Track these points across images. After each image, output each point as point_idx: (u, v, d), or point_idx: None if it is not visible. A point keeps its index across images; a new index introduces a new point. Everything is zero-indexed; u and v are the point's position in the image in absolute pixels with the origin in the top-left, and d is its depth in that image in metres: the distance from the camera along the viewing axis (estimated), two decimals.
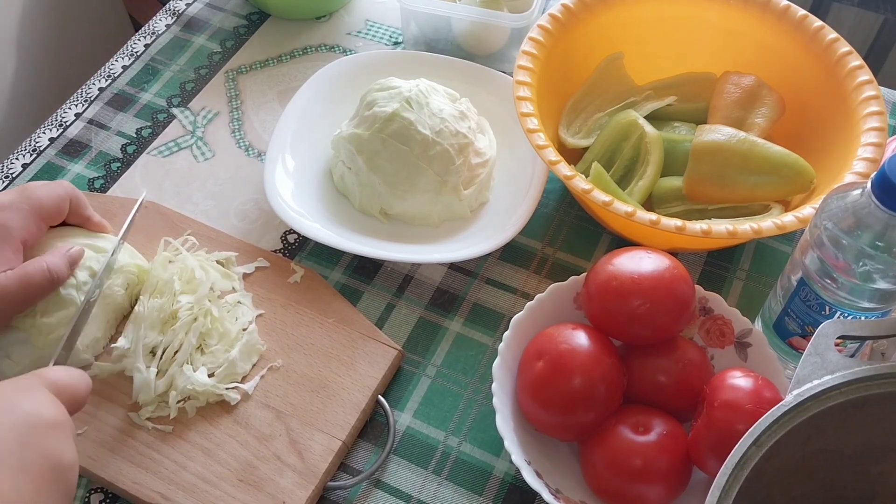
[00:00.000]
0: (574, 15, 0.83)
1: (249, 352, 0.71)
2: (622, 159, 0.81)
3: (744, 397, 0.59)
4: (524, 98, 0.76)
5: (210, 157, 0.89)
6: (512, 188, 0.83)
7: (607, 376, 0.63)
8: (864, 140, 0.73)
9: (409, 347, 0.75)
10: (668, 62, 0.88)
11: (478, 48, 0.95)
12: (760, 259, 0.81)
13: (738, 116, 0.82)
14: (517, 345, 0.68)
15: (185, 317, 0.70)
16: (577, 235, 0.83)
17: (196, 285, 0.73)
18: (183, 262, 0.74)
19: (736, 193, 0.78)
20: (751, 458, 0.50)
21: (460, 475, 0.68)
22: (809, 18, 0.81)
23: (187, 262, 0.74)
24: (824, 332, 0.54)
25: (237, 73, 0.97)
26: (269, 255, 0.79)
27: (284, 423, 0.68)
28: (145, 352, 0.69)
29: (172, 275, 0.72)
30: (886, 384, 0.52)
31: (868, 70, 0.77)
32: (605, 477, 0.62)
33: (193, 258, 0.75)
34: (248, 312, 0.74)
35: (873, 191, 0.55)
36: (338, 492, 0.67)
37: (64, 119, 0.92)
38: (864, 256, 0.58)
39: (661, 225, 0.68)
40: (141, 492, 0.65)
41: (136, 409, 0.69)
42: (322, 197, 0.83)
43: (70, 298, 0.67)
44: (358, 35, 1.01)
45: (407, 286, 0.79)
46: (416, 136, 0.77)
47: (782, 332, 0.69)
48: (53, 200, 0.68)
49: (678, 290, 0.65)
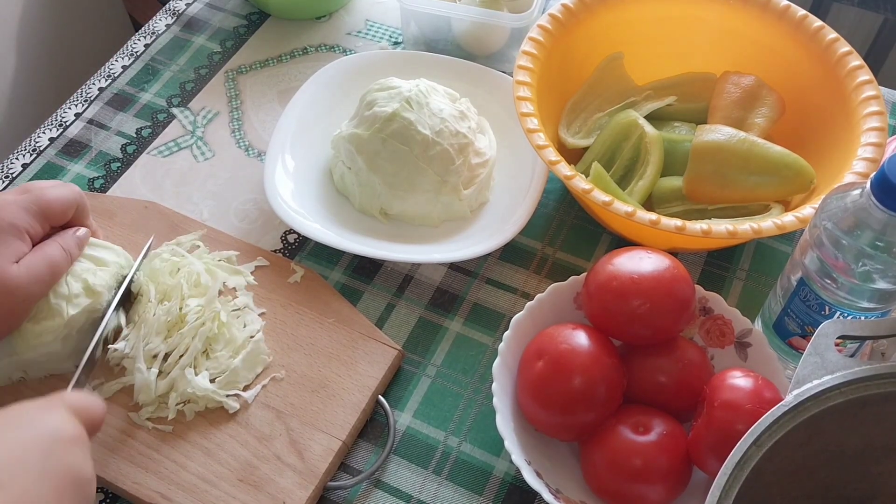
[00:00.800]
0: (574, 15, 0.83)
1: (254, 361, 0.71)
2: (622, 159, 0.81)
3: (744, 397, 0.59)
4: (524, 98, 0.76)
5: (210, 156, 0.89)
6: (512, 188, 0.83)
7: (607, 376, 0.63)
8: (863, 140, 0.73)
9: (409, 347, 0.75)
10: (668, 62, 0.88)
11: (478, 48, 0.95)
12: (760, 259, 0.81)
13: (738, 116, 0.82)
14: (517, 345, 0.68)
15: (192, 320, 0.70)
16: (577, 235, 0.83)
17: (205, 288, 0.72)
18: (189, 265, 0.74)
19: (736, 193, 0.78)
20: (751, 458, 0.50)
21: (460, 475, 0.68)
22: (809, 18, 0.81)
23: (193, 264, 0.74)
24: (824, 332, 0.54)
25: (237, 73, 0.97)
26: (269, 255, 0.79)
27: (284, 422, 0.68)
28: (147, 355, 0.69)
29: (180, 279, 0.72)
30: (886, 384, 0.52)
31: (868, 70, 0.77)
32: (605, 477, 0.62)
33: (199, 261, 0.75)
34: (257, 321, 0.74)
35: (873, 191, 0.55)
36: (338, 492, 0.67)
37: (64, 119, 0.92)
38: (863, 256, 0.58)
39: (661, 225, 0.68)
40: (141, 491, 0.65)
41: (137, 409, 0.69)
42: (322, 197, 0.83)
43: (58, 308, 0.66)
44: (358, 35, 1.01)
45: (407, 286, 0.79)
46: (416, 136, 0.77)
47: (782, 332, 0.69)
48: (62, 204, 0.68)
49: (678, 290, 0.65)
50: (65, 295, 0.67)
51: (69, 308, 0.67)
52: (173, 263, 0.74)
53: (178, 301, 0.71)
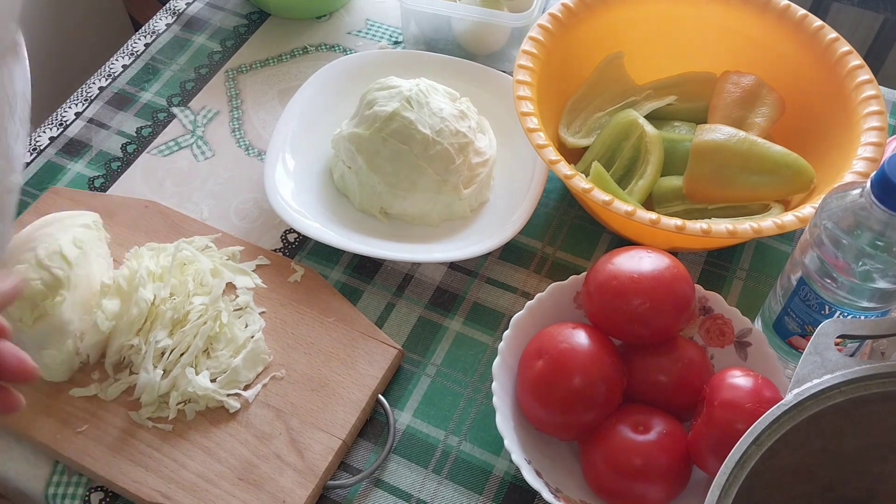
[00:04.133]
0: (574, 14, 0.83)
1: (255, 360, 0.71)
2: (622, 159, 0.81)
3: (744, 396, 0.59)
4: (524, 97, 0.76)
5: (210, 156, 0.89)
6: (512, 188, 0.83)
7: (607, 375, 0.63)
8: (864, 139, 0.73)
9: (409, 347, 0.75)
10: (668, 62, 0.88)
11: (478, 48, 0.95)
12: (760, 258, 0.81)
13: (738, 116, 0.82)
14: (517, 344, 0.68)
15: (195, 318, 0.70)
16: (577, 235, 0.83)
17: (210, 288, 0.73)
18: (197, 263, 0.74)
19: (736, 193, 0.78)
20: (751, 458, 0.50)
21: (460, 474, 0.68)
22: (809, 18, 0.81)
23: (201, 263, 0.74)
24: (824, 332, 0.54)
25: (237, 72, 0.97)
26: (270, 255, 0.79)
27: (284, 421, 0.68)
28: (157, 353, 0.69)
29: (187, 276, 0.72)
30: (886, 383, 0.52)
31: (868, 69, 0.77)
32: (605, 476, 0.62)
33: (208, 259, 0.75)
34: (258, 320, 0.74)
35: (873, 190, 0.55)
36: (338, 491, 0.67)
37: (64, 118, 0.92)
38: (863, 256, 0.58)
39: (661, 224, 0.68)
40: (141, 490, 0.65)
41: (137, 407, 0.69)
42: (322, 196, 0.83)
43: None
44: (358, 34, 1.01)
45: (407, 285, 0.79)
46: (417, 136, 0.77)
47: (782, 331, 0.69)
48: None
49: (678, 290, 0.65)
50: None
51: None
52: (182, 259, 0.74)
53: (184, 298, 0.71)
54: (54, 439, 0.67)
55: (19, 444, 0.69)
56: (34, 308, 0.66)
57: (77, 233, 0.71)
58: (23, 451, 0.69)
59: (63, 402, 0.69)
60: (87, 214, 0.74)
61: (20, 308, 0.66)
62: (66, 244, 0.69)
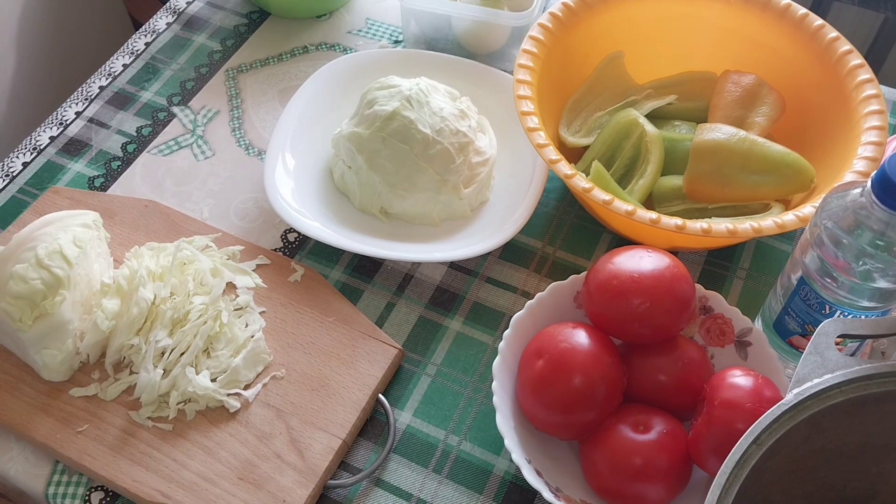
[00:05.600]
0: (574, 14, 0.83)
1: (255, 360, 0.71)
2: (622, 158, 0.81)
3: (744, 396, 0.59)
4: (524, 97, 0.76)
5: (210, 155, 0.89)
6: (512, 187, 0.83)
7: (607, 375, 0.63)
8: (864, 139, 0.73)
9: (409, 346, 0.75)
10: (669, 61, 0.88)
11: (478, 47, 0.95)
12: (761, 258, 0.81)
13: (739, 115, 0.82)
14: (517, 344, 0.68)
15: (195, 318, 0.70)
16: (578, 234, 0.83)
17: (210, 287, 0.73)
18: (197, 263, 0.74)
19: (736, 192, 0.78)
20: (751, 457, 0.50)
21: (460, 474, 0.68)
22: (810, 17, 0.81)
23: (201, 262, 0.74)
24: (824, 331, 0.54)
25: (237, 71, 0.97)
26: (270, 254, 0.79)
27: (285, 421, 0.68)
28: (157, 353, 0.69)
29: (188, 276, 0.72)
30: (886, 383, 0.52)
31: (869, 69, 0.77)
32: (605, 475, 0.62)
33: (208, 259, 0.75)
34: (258, 320, 0.74)
35: (873, 190, 0.55)
36: (338, 490, 0.67)
37: (64, 118, 0.92)
38: (864, 255, 0.58)
39: (661, 224, 0.68)
40: (141, 490, 0.65)
41: (137, 407, 0.69)
42: (322, 196, 0.83)
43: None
44: (358, 34, 1.01)
45: (407, 285, 0.79)
46: (417, 135, 0.77)
47: (782, 331, 0.69)
48: None
49: (678, 289, 0.65)
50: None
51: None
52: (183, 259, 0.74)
53: (184, 297, 0.71)
54: (54, 439, 0.67)
55: (19, 444, 0.69)
56: (34, 308, 0.66)
57: (77, 232, 0.71)
58: (23, 450, 0.69)
59: (63, 401, 0.69)
60: (87, 214, 0.74)
61: (20, 308, 0.66)
62: (66, 244, 0.69)
